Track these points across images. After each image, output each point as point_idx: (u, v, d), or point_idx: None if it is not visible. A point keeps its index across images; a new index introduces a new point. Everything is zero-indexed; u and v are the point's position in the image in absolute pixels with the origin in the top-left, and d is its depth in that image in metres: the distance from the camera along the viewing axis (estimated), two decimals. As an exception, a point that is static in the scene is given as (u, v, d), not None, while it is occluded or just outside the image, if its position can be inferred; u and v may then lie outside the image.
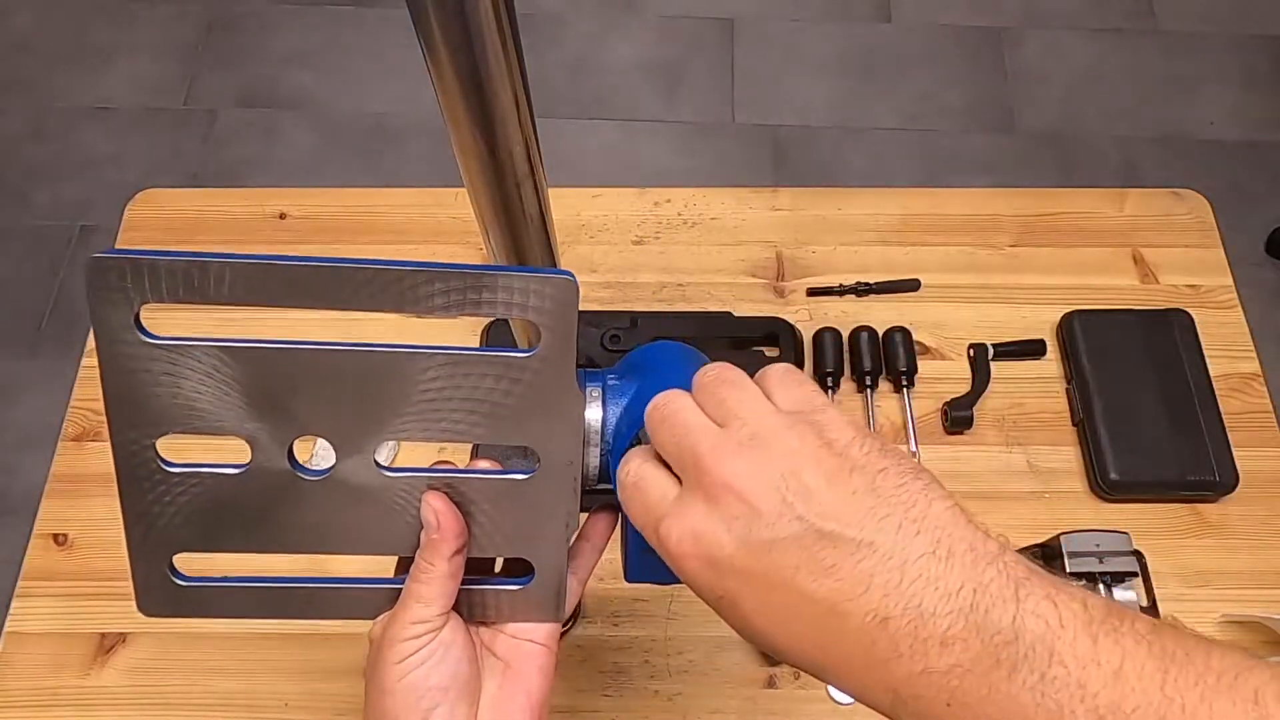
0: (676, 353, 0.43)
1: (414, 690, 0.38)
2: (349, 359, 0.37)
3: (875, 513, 0.30)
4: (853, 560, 0.30)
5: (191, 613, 0.42)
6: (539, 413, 0.39)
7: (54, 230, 1.75)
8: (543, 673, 0.42)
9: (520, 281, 0.36)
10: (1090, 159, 1.83)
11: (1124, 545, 0.68)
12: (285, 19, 1.99)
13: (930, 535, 0.30)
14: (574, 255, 0.85)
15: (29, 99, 1.90)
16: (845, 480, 0.31)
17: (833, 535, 0.30)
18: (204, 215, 0.88)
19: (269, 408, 0.38)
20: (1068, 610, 0.27)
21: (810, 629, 0.31)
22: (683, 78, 1.93)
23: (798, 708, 0.68)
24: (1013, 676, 0.27)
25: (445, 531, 0.39)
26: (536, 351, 0.38)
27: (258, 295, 0.36)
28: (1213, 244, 0.86)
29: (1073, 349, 0.79)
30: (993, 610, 0.28)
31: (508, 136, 0.46)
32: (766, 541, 0.31)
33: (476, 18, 0.39)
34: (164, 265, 0.35)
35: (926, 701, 0.28)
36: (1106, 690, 0.26)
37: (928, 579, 0.29)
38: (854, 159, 1.84)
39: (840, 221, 0.87)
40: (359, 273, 0.36)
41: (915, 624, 0.28)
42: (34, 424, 1.54)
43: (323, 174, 1.82)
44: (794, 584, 0.30)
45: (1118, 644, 0.26)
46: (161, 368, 0.37)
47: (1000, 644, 0.27)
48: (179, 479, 0.39)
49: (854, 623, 0.29)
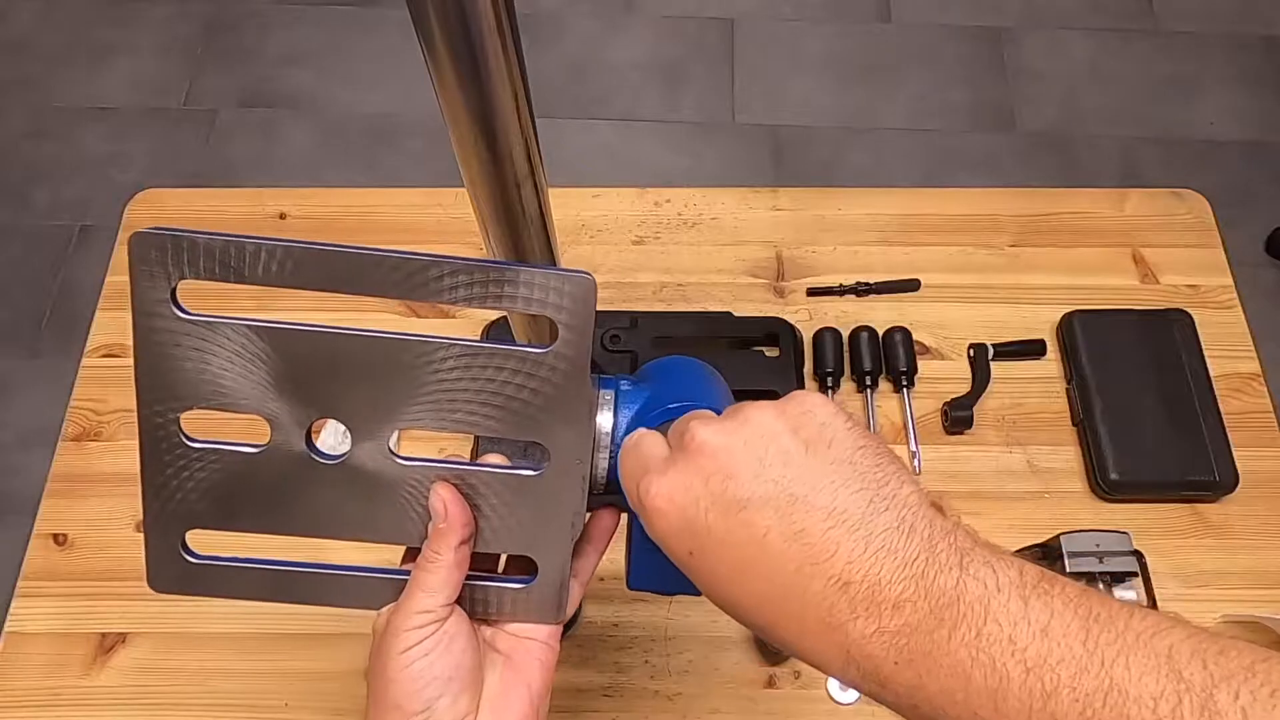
0: (697, 369, 0.44)
1: (418, 679, 0.39)
2: (373, 345, 0.38)
3: (849, 484, 0.32)
4: (822, 527, 0.31)
5: (200, 590, 0.43)
6: (552, 410, 0.39)
7: (54, 230, 1.75)
8: (544, 667, 0.42)
9: (542, 278, 0.37)
10: (1090, 159, 1.83)
11: (1124, 545, 0.68)
12: (285, 19, 1.99)
13: (896, 512, 0.31)
14: (574, 255, 0.85)
15: (29, 99, 1.90)
16: (823, 450, 0.33)
17: (805, 500, 0.32)
18: (204, 215, 0.88)
19: (291, 389, 0.39)
20: (1005, 576, 0.29)
21: (774, 589, 0.32)
22: (683, 78, 1.93)
23: (798, 708, 0.68)
24: (953, 634, 0.29)
25: (452, 520, 0.40)
26: (553, 348, 0.38)
27: (289, 278, 0.37)
28: (1213, 244, 0.86)
29: (1073, 349, 0.79)
30: (940, 576, 0.30)
31: (508, 136, 0.46)
32: (740, 500, 0.32)
33: (476, 18, 0.39)
34: (203, 243, 0.37)
35: (876, 661, 0.30)
36: (1034, 645, 0.28)
37: (889, 550, 0.30)
38: (854, 159, 1.84)
39: (840, 221, 0.87)
40: (387, 260, 0.37)
41: (873, 589, 0.30)
42: (34, 424, 1.54)
43: (323, 174, 1.82)
44: (764, 544, 0.32)
45: (1047, 605, 0.28)
46: (192, 343, 0.38)
47: (944, 605, 0.29)
48: (199, 454, 0.40)
49: (816, 585, 0.31)
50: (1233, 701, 0.25)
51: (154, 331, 0.38)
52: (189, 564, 0.42)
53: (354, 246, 0.37)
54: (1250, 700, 0.25)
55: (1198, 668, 0.26)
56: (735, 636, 0.70)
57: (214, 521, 0.41)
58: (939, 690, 0.29)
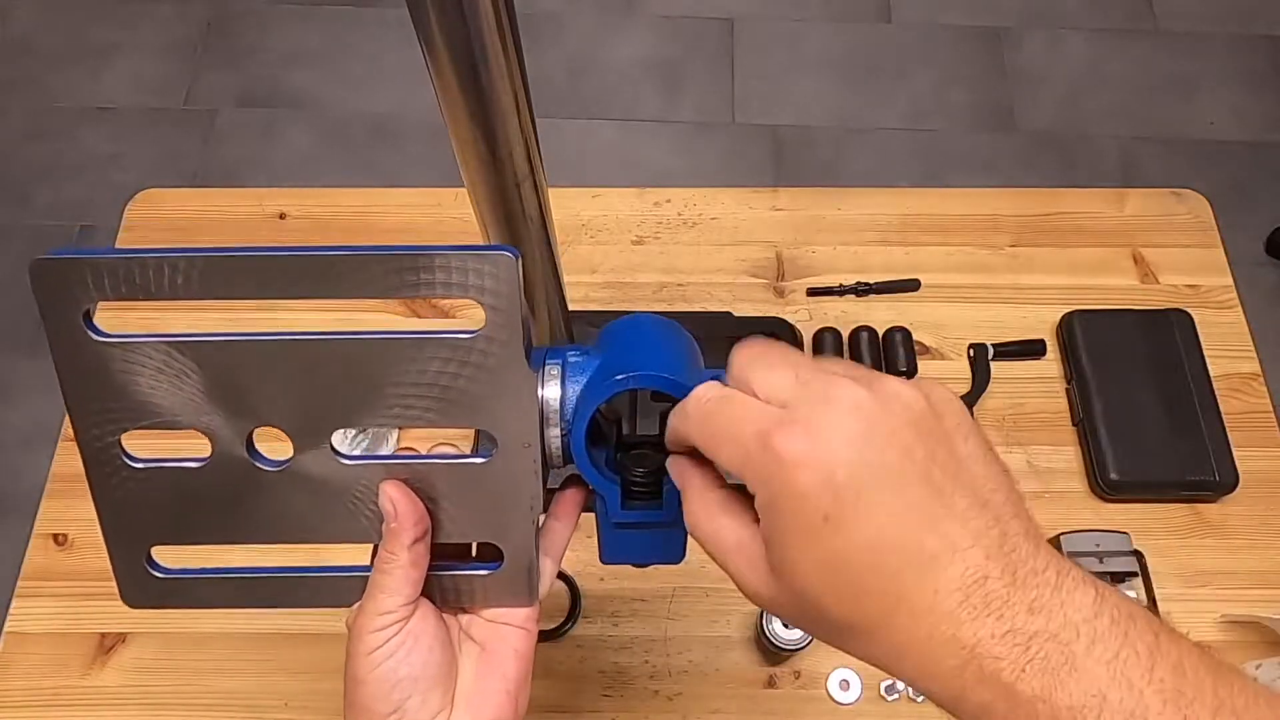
0: (648, 329, 0.42)
1: (385, 681, 0.39)
2: (296, 348, 0.37)
3: (990, 482, 0.31)
4: (964, 517, 0.30)
5: (175, 603, 0.42)
6: (491, 395, 0.38)
7: (54, 230, 1.75)
8: (519, 656, 0.42)
9: (459, 260, 0.35)
10: (1090, 159, 1.83)
11: (1124, 545, 0.68)
12: (285, 19, 1.99)
13: (1023, 521, 0.30)
14: (574, 255, 0.85)
15: (29, 99, 1.90)
16: (985, 448, 0.32)
17: (952, 488, 0.30)
18: (204, 215, 0.88)
19: (224, 400, 0.38)
20: (1136, 607, 0.29)
21: (903, 570, 0.29)
22: (683, 78, 1.93)
23: (798, 708, 0.68)
24: (1090, 650, 0.27)
25: (403, 520, 0.39)
26: (482, 331, 0.37)
27: (197, 289, 0.36)
28: (1213, 244, 0.86)
29: (1073, 349, 0.79)
30: (1077, 591, 0.29)
31: (508, 136, 0.46)
32: (892, 467, 0.30)
33: (476, 18, 0.39)
34: (105, 265, 0.35)
35: (1001, 664, 0.28)
36: (1170, 679, 0.27)
37: (1022, 554, 0.29)
38: (854, 159, 1.84)
39: (840, 221, 0.88)
40: (293, 261, 0.35)
41: (1009, 590, 0.28)
42: (34, 424, 1.54)
43: (323, 174, 1.82)
44: (901, 518, 0.29)
45: (1176, 644, 0.28)
46: (116, 365, 0.37)
47: (1080, 621, 0.28)
48: (144, 473, 0.39)
49: (954, 572, 0.29)
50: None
51: (74, 357, 0.37)
52: (158, 579, 0.41)
53: (258, 250, 0.35)
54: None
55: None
56: (735, 636, 0.70)
57: (172, 536, 0.41)
58: (1068, 706, 0.27)
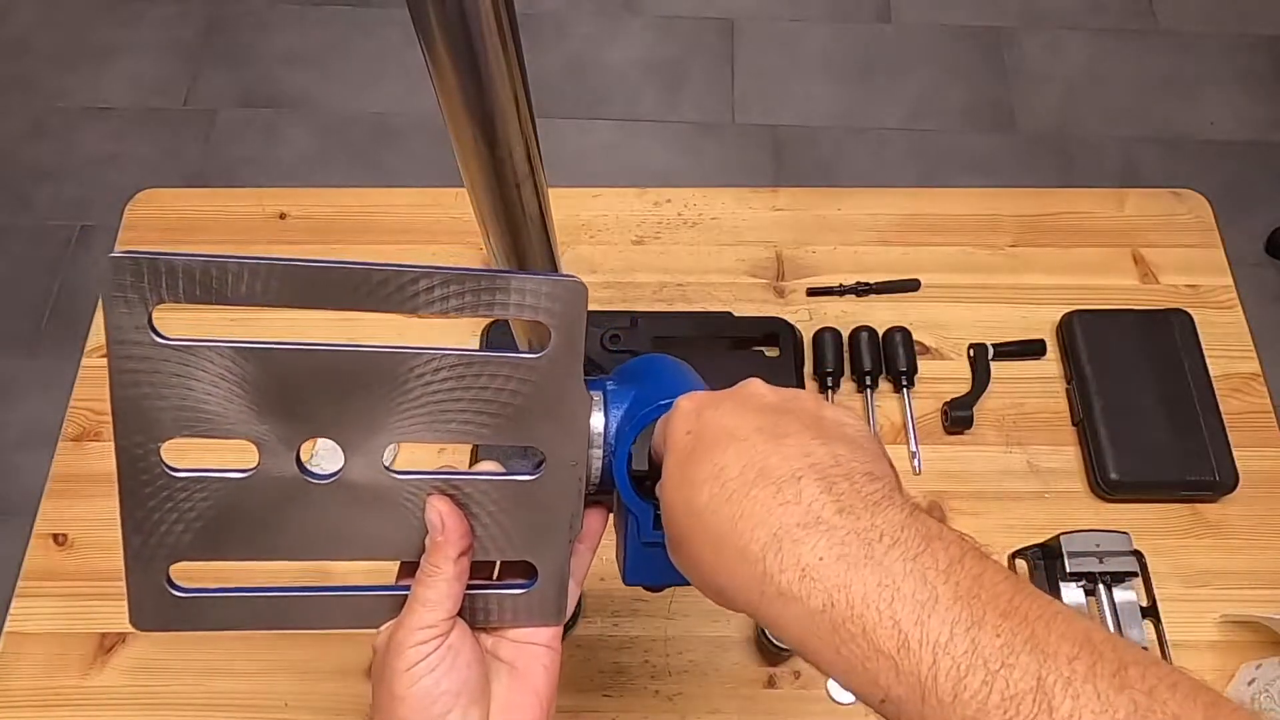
0: (669, 364, 0.46)
1: (426, 696, 0.38)
2: (362, 360, 0.38)
3: (842, 431, 0.35)
4: (801, 440, 0.34)
5: (187, 626, 0.41)
6: (546, 414, 0.39)
7: (54, 230, 1.75)
8: (549, 672, 0.42)
9: (533, 284, 0.37)
10: (1090, 159, 1.83)
11: (1124, 545, 0.68)
12: (285, 19, 1.99)
13: (873, 465, 0.34)
14: (574, 255, 0.85)
15: (29, 99, 1.90)
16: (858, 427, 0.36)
17: (799, 429, 0.34)
18: (204, 215, 0.88)
19: (279, 410, 0.38)
20: (952, 531, 0.31)
21: (730, 465, 0.33)
22: (683, 78, 1.93)
23: (797, 708, 0.68)
24: (890, 550, 0.30)
25: (450, 533, 0.39)
26: (545, 353, 0.38)
27: (273, 296, 0.36)
28: (1213, 244, 0.86)
29: (1073, 349, 0.79)
30: (890, 510, 0.32)
31: (508, 136, 0.46)
32: (749, 405, 0.36)
33: (476, 18, 0.39)
34: (181, 265, 0.35)
35: (802, 550, 0.31)
36: (966, 582, 0.29)
37: (855, 480, 0.32)
38: (854, 159, 1.84)
39: (840, 221, 0.88)
40: (374, 274, 0.36)
41: (824, 492, 0.32)
42: (34, 424, 1.54)
43: (323, 174, 1.82)
44: (744, 429, 0.34)
45: (981, 563, 0.30)
46: (172, 369, 0.36)
47: (887, 527, 0.31)
48: (183, 484, 0.38)
49: (775, 474, 0.32)
50: (1141, 678, 0.26)
51: (131, 360, 0.36)
52: (174, 600, 0.40)
53: (340, 262, 0.36)
54: (1156, 683, 0.25)
55: (1109, 649, 0.27)
56: (735, 636, 0.70)
57: (202, 553, 0.40)
58: (862, 595, 0.29)
